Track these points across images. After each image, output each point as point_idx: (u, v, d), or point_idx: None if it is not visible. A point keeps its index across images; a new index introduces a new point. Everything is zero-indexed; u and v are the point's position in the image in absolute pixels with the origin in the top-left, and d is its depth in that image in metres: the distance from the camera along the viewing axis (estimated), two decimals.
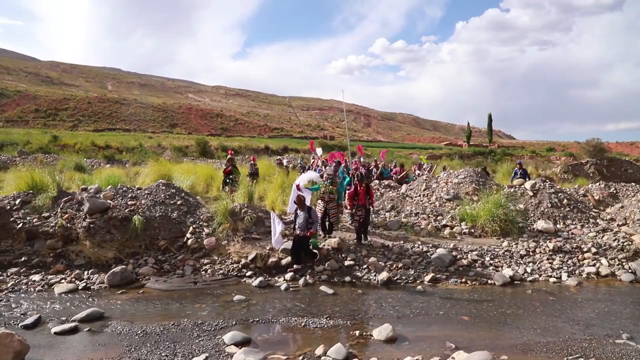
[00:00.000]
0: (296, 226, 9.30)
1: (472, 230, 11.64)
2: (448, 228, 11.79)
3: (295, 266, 9.20)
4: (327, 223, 10.80)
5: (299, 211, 9.32)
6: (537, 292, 8.61)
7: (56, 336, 6.40)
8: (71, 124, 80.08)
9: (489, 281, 9.11)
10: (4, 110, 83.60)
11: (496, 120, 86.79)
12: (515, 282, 9.14)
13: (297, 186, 9.83)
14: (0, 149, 36.99)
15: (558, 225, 11.72)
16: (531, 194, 12.93)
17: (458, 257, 9.96)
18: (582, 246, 10.53)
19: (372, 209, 10.88)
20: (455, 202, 13.14)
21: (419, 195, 14.03)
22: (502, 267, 9.73)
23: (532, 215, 12.17)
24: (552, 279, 9.25)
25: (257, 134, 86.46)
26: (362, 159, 19.26)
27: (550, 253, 10.27)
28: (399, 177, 18.10)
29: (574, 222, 11.95)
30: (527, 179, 15.21)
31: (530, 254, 10.31)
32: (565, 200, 12.65)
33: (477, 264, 9.79)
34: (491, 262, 9.91)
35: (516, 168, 16.75)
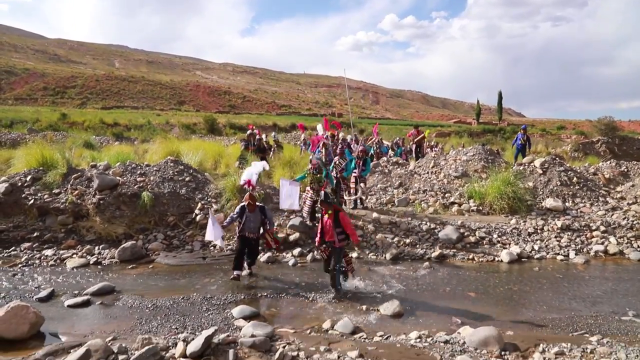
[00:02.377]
0: (245, 227, 7.70)
1: (480, 208, 11.60)
2: (456, 205, 11.77)
3: (235, 273, 7.52)
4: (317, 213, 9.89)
5: (247, 212, 7.69)
6: (544, 269, 8.62)
7: (69, 309, 6.53)
8: (79, 101, 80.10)
9: (496, 258, 9.13)
10: (13, 88, 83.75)
11: (506, 98, 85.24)
12: (523, 259, 9.16)
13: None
14: (10, 126, 37.17)
15: (567, 204, 11.65)
16: (540, 171, 12.82)
17: (465, 234, 9.97)
18: (591, 224, 10.48)
19: (346, 244, 7.20)
20: (463, 180, 13.08)
21: (427, 173, 13.97)
22: (509, 244, 9.73)
23: (540, 193, 12.09)
24: (559, 257, 9.25)
25: (265, 111, 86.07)
26: (374, 141, 19.21)
27: (559, 231, 10.24)
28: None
29: (583, 201, 11.86)
30: (528, 147, 15.46)
31: (538, 231, 10.29)
32: (575, 179, 12.54)
33: (484, 241, 9.80)
34: (499, 239, 9.91)
35: (519, 132, 16.59)
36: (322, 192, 7.27)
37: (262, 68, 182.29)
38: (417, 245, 9.54)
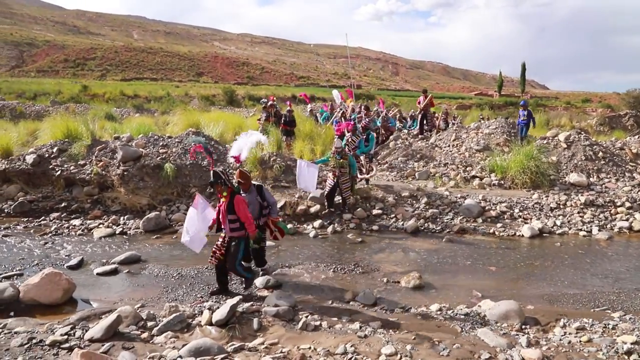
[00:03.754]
0: None
1: (502, 182, 11.49)
2: (477, 179, 11.68)
3: (261, 268, 6.70)
4: (339, 198, 9.60)
5: (241, 192, 6.12)
6: (566, 245, 8.56)
7: (98, 277, 6.76)
8: (99, 73, 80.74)
9: (517, 233, 9.08)
10: (35, 61, 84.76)
11: (530, 70, 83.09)
12: (544, 234, 9.10)
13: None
14: (33, 98, 37.82)
15: (591, 179, 11.45)
16: (565, 146, 12.58)
17: (486, 208, 9.92)
18: (616, 200, 10.31)
19: (244, 235, 5.88)
20: (485, 153, 12.93)
21: (448, 146, 13.83)
22: (531, 219, 9.65)
23: (564, 167, 11.90)
24: (582, 233, 9.16)
25: (283, 82, 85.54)
26: (380, 112, 17.30)
27: (582, 206, 10.11)
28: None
29: (608, 176, 11.64)
30: (533, 122, 14.34)
31: (561, 207, 10.17)
32: (600, 153, 12.27)
33: (505, 216, 9.74)
34: (520, 214, 9.84)
35: (520, 109, 14.71)
36: (211, 170, 5.72)
37: (281, 39, 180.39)
38: (438, 219, 9.54)
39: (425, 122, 15.90)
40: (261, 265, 6.73)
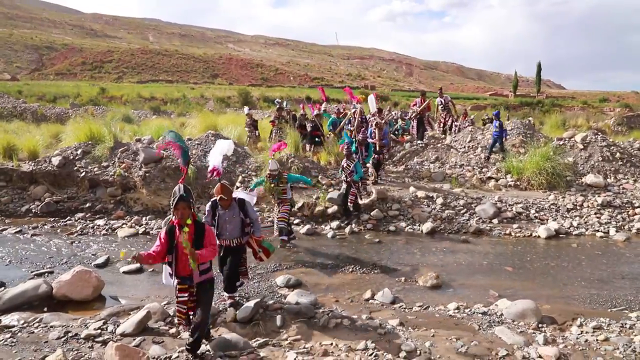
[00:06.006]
0: (224, 232, 5.50)
1: (518, 183, 11.54)
2: (493, 180, 11.73)
3: (229, 295, 5.66)
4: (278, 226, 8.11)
5: (220, 210, 5.47)
6: (582, 246, 8.59)
7: (124, 275, 7.01)
8: (116, 75, 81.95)
9: (534, 233, 9.14)
10: (54, 64, 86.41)
11: (546, 69, 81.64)
12: (561, 235, 9.14)
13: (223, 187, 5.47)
14: (53, 101, 38.58)
15: (608, 180, 11.42)
16: (581, 146, 12.56)
17: (502, 209, 9.98)
18: (634, 201, 10.29)
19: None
20: (501, 154, 12.96)
21: (464, 147, 13.89)
22: (547, 220, 9.69)
23: (581, 168, 11.88)
24: (599, 234, 9.17)
25: (297, 83, 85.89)
26: (356, 105, 13.45)
27: (599, 207, 10.11)
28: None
29: (626, 177, 11.61)
30: (504, 135, 12.94)
31: (578, 207, 10.19)
32: (617, 154, 12.23)
33: (522, 217, 9.80)
34: (536, 214, 9.88)
35: (494, 121, 13.16)
36: (181, 184, 4.36)
37: (294, 40, 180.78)
38: (454, 220, 9.63)
39: (421, 125, 14.61)
40: (231, 290, 5.63)
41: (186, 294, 4.35)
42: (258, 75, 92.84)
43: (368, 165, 10.90)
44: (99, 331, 4.80)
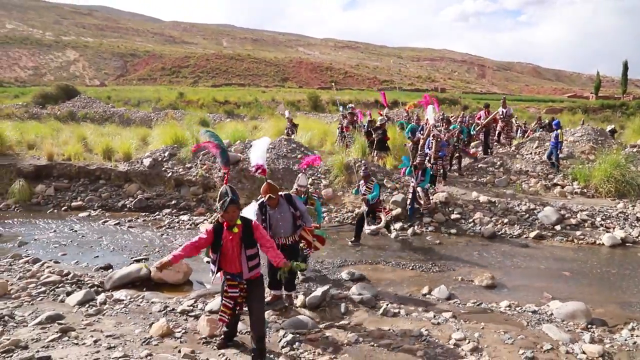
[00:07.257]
0: (278, 231, 5.71)
1: (585, 190, 11.45)
2: (558, 187, 11.71)
3: (273, 292, 5.92)
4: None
5: (269, 210, 5.66)
6: None
7: (208, 264, 7.95)
8: (192, 80, 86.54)
9: (597, 241, 9.16)
10: (136, 70, 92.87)
11: (633, 68, 75.15)
12: (627, 244, 9.09)
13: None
14: (137, 105, 41.82)
15: None
16: None
17: (566, 215, 10.03)
18: None
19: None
20: (568, 161, 12.84)
21: (530, 153, 13.86)
22: (613, 228, 9.63)
23: None
24: None
25: (366, 86, 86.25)
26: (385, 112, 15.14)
27: None
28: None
29: None
30: (560, 147, 12.34)
31: None
32: None
33: (586, 224, 9.80)
34: (602, 222, 9.84)
35: (554, 131, 12.63)
36: (226, 185, 4.83)
37: (364, 42, 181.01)
38: (515, 225, 9.84)
39: (489, 139, 14.77)
40: (291, 289, 5.94)
41: (237, 290, 4.51)
42: (327, 78, 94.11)
43: (418, 190, 9.97)
44: (191, 307, 5.72)
